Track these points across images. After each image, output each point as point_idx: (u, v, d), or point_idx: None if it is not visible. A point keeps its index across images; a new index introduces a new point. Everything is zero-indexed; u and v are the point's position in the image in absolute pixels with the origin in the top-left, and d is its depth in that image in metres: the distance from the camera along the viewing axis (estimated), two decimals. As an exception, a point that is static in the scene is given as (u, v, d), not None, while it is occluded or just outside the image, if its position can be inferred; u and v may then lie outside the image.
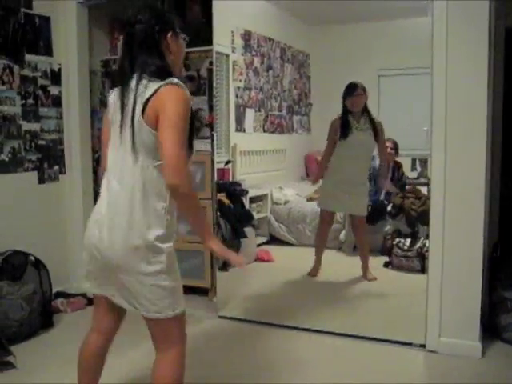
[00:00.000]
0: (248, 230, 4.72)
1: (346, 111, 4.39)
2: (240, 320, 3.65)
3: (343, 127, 4.35)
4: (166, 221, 1.88)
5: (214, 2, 3.68)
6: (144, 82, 1.86)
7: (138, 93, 1.85)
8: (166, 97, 1.81)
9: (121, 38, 3.82)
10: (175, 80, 1.85)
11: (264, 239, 5.37)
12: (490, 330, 3.26)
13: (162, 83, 1.82)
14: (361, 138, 4.36)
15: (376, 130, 4.36)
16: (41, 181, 3.97)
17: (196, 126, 1.92)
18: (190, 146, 1.91)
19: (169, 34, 1.96)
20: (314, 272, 4.48)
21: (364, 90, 4.39)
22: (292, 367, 2.96)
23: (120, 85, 1.94)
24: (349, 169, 4.39)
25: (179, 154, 1.76)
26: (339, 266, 4.52)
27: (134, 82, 1.88)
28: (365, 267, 4.41)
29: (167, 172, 1.78)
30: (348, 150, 4.37)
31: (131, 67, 1.92)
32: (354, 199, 4.46)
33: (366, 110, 4.40)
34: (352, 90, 4.38)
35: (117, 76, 2.03)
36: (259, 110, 5.63)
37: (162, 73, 1.87)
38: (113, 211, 1.90)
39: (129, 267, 1.87)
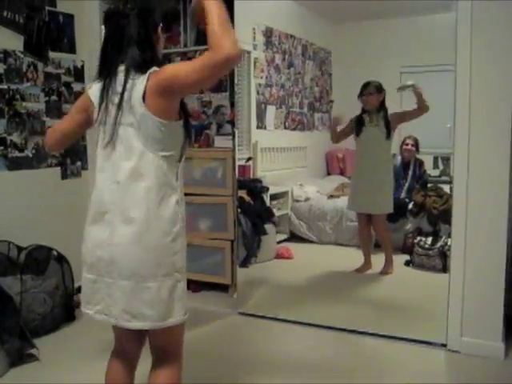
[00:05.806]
0: (268, 226, 4.73)
1: (363, 109, 4.44)
2: (260, 317, 3.66)
3: (357, 125, 4.42)
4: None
5: (235, -1, 3.69)
6: (131, 75, 1.77)
7: (129, 88, 1.76)
8: (167, 71, 1.73)
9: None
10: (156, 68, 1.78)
11: (284, 236, 5.37)
12: (513, 331, 3.22)
13: (150, 71, 1.75)
14: (371, 133, 4.38)
15: (389, 126, 4.34)
16: (64, 176, 4.01)
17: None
18: (189, 137, 1.88)
19: (159, 28, 1.88)
20: (361, 269, 4.51)
21: (377, 88, 4.38)
22: (312, 365, 2.95)
23: (105, 79, 1.84)
24: (368, 168, 4.40)
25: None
26: (359, 264, 4.49)
27: (121, 77, 1.79)
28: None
29: (227, 45, 1.59)
30: (363, 147, 4.45)
31: (117, 60, 1.81)
32: (376, 198, 4.44)
33: (382, 108, 4.39)
34: (364, 88, 4.41)
35: (100, 69, 1.89)
36: (280, 107, 5.63)
37: (152, 65, 1.78)
38: None
39: None
